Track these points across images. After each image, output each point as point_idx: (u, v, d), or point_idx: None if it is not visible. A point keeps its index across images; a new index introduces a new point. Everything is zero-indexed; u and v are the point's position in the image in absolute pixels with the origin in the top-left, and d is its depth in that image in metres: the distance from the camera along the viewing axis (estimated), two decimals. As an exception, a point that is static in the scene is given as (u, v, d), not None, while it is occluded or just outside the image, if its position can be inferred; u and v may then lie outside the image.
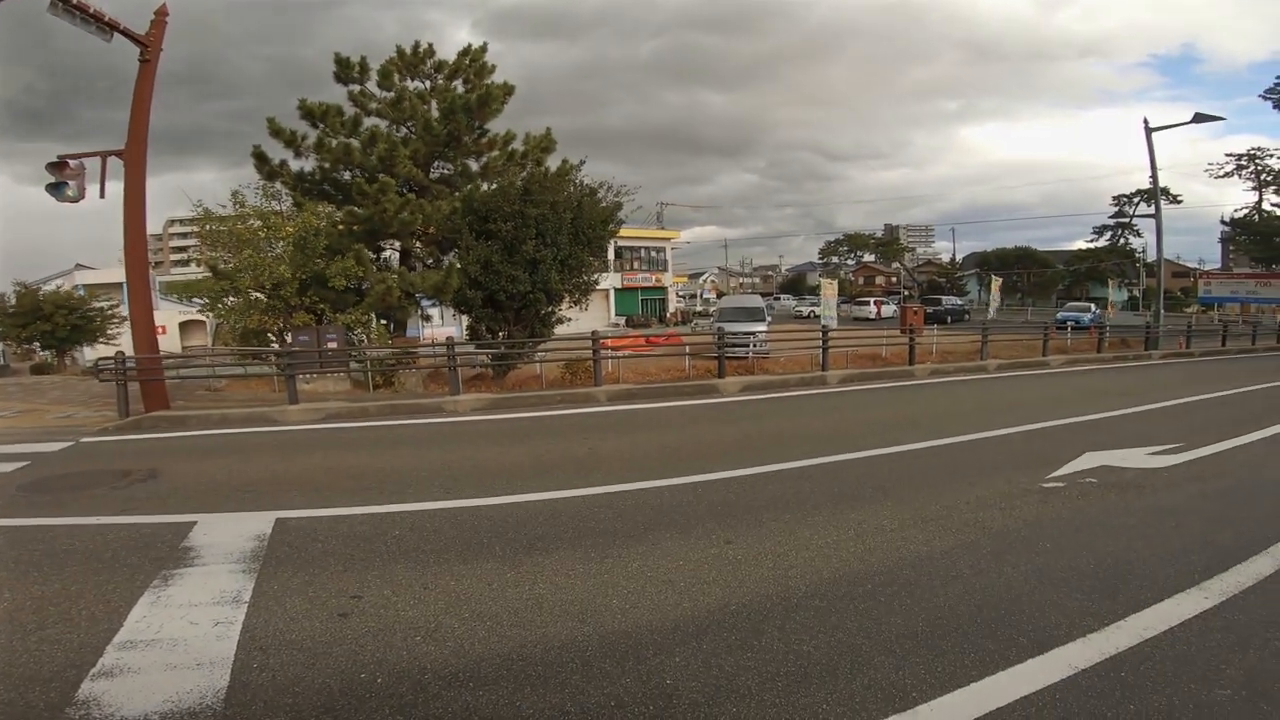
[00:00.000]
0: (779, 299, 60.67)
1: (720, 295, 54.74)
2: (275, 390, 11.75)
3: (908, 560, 3.93)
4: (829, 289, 16.76)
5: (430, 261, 16.10)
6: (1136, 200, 55.54)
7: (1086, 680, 2.66)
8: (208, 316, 16.11)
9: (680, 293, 54.16)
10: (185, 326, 32.05)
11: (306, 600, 3.45)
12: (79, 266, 36.77)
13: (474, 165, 16.12)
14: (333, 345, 11.60)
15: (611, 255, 39.01)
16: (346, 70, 15.32)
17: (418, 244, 15.86)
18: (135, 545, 4.29)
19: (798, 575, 3.72)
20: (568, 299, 13.98)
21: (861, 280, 73.73)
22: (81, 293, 25.44)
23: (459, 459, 6.80)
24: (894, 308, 42.66)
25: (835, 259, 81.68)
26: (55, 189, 9.77)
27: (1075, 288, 56.36)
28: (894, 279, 71.80)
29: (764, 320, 17.93)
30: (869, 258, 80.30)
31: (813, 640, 3.00)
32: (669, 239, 49.59)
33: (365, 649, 2.96)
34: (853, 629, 3.11)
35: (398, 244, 15.76)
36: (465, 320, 15.17)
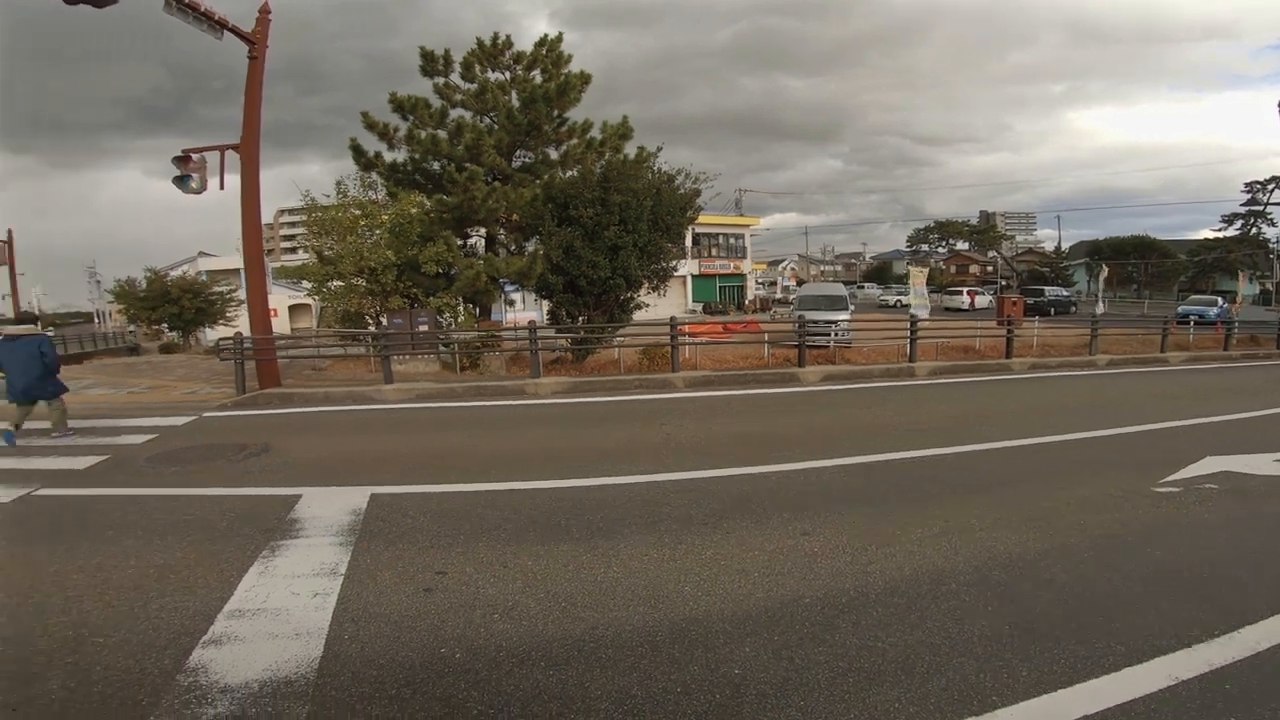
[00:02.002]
0: (862, 287, 58.61)
1: (800, 283, 53.44)
2: (372, 370, 12.49)
3: (997, 561, 3.76)
4: (918, 277, 16.02)
5: (513, 247, 16.57)
6: (1271, 187, 49.89)
7: (1186, 691, 2.50)
8: (314, 300, 17.24)
9: (759, 280, 53.27)
10: (294, 309, 34.51)
11: (396, 575, 3.63)
12: (201, 254, 40.16)
13: (554, 153, 16.41)
14: (424, 328, 12.17)
15: (689, 242, 38.84)
16: (431, 63, 15.82)
17: (502, 230, 16.34)
18: (248, 516, 4.62)
19: (877, 571, 3.63)
20: (646, 285, 14.07)
21: (954, 269, 69.98)
22: (204, 278, 27.82)
23: (539, 441, 7.00)
24: (989, 298, 40.30)
25: (925, 247, 77.91)
26: (181, 181, 10.65)
27: (1200, 280, 51.27)
28: (989, 268, 67.76)
29: (846, 309, 17.38)
30: (962, 246, 76.08)
31: (889, 637, 2.94)
32: (747, 226, 48.79)
33: (446, 624, 3.08)
34: (932, 628, 3.02)
35: (483, 230, 16.29)
36: (545, 305, 15.54)
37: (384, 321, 13.45)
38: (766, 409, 8.80)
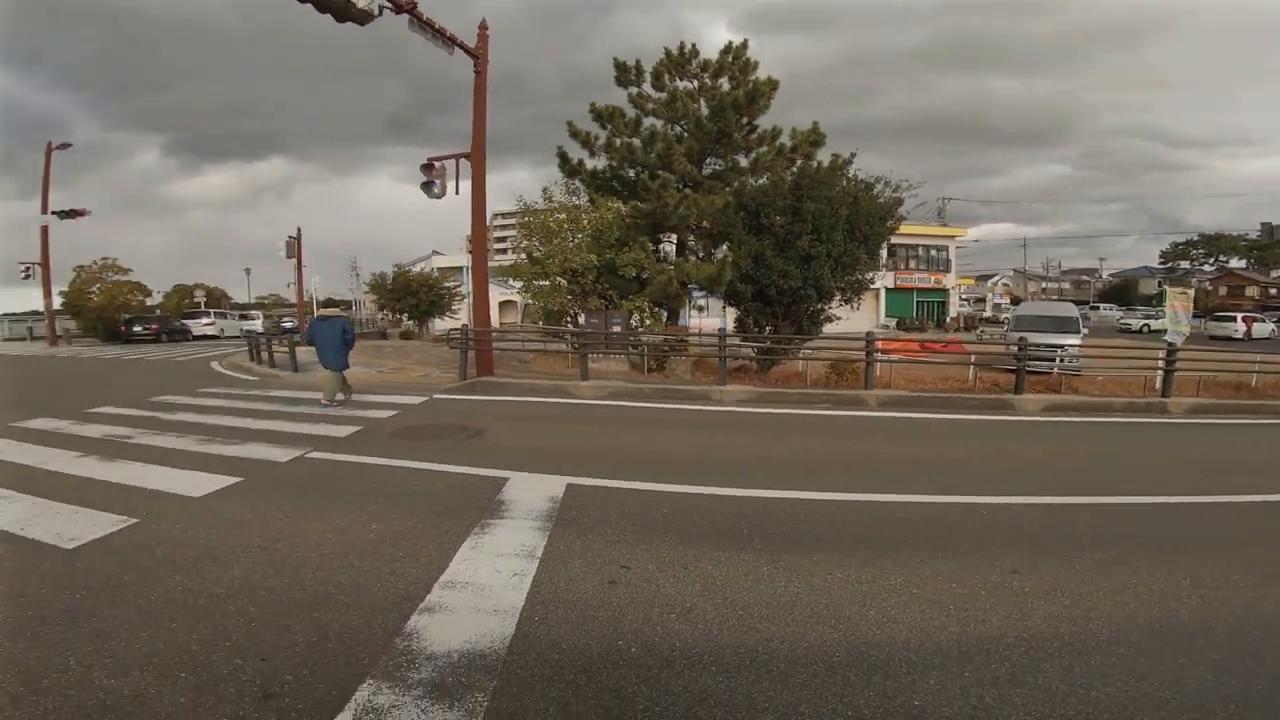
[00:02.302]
0: (1096, 308, 50.81)
1: (1015, 301, 47.79)
2: (569, 366, 13.43)
3: (1260, 620, 3.16)
4: (1178, 300, 13.52)
5: (703, 254, 16.85)
6: None
7: None
8: (523, 297, 19.00)
9: (964, 295, 48.61)
10: (502, 305, 38.26)
11: (585, 564, 3.79)
12: (435, 253, 46.11)
13: (743, 160, 16.37)
14: (617, 329, 12.83)
15: (884, 253, 36.57)
16: (624, 74, 16.43)
17: (692, 237, 16.69)
18: (466, 493, 5.06)
19: (1101, 618, 3.20)
20: (839, 297, 13.52)
21: (1224, 290, 57.79)
22: (436, 274, 31.92)
23: (724, 447, 7.02)
24: (1273, 326, 32.87)
25: (1185, 264, 65.45)
26: (426, 187, 12.26)
27: None
28: (1273, 290, 55.17)
29: (1077, 332, 15.23)
30: (1237, 263, 62.71)
31: (1106, 686, 2.59)
32: (952, 237, 44.70)
33: (626, 618, 3.15)
34: (1162, 681, 2.61)
35: (674, 236, 16.78)
36: (731, 312, 15.60)
37: (582, 320, 14.40)
38: (972, 436, 8.00)
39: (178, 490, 5.11)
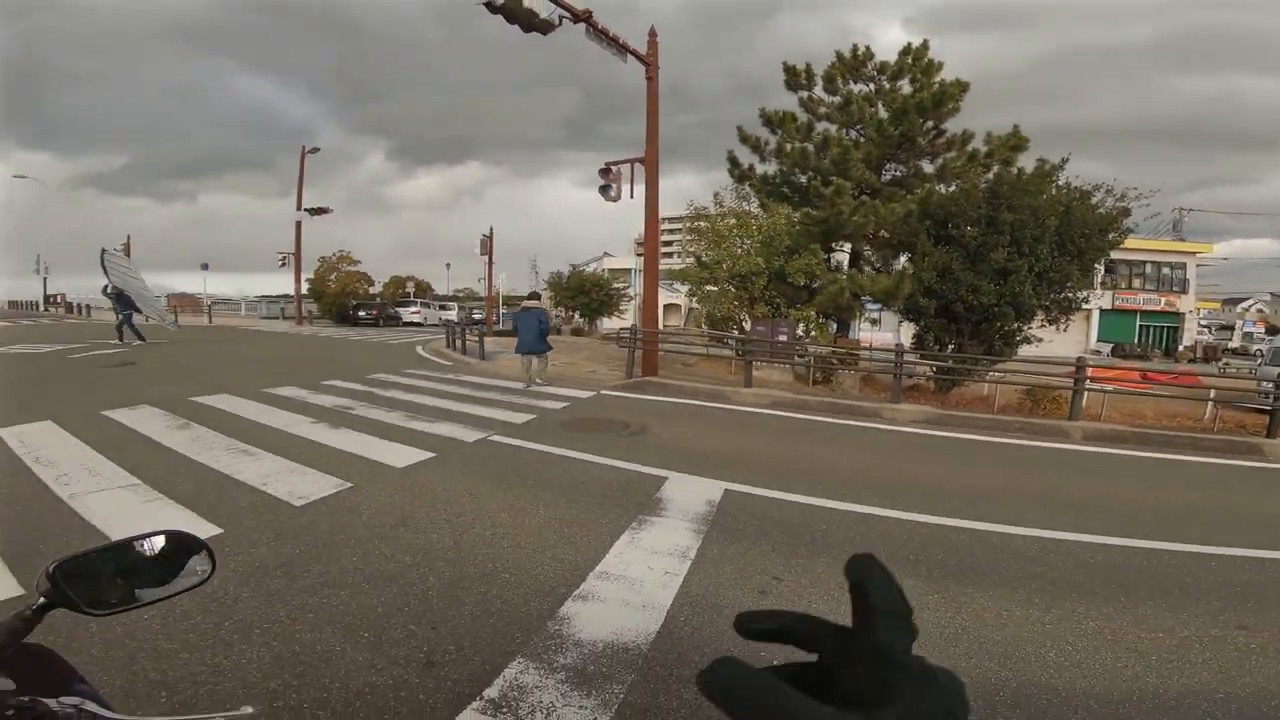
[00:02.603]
0: (1395, 343, 40.33)
1: (1273, 330, 39.51)
2: (732, 372, 13.38)
3: None
4: None
5: (879, 265, 15.93)
6: None
7: None
8: (691, 300, 19.29)
9: (1205, 321, 41.11)
10: (666, 309, 39.08)
11: (736, 570, 3.75)
12: (606, 254, 48.29)
13: (928, 167, 15.27)
14: (783, 338, 12.55)
15: (1100, 269, 31.94)
16: (794, 77, 15.89)
17: (868, 246, 15.85)
18: (627, 489, 5.18)
19: None
20: (1042, 316, 12.08)
21: None
22: (606, 275, 33.41)
23: (893, 468, 6.59)
24: None
25: None
26: (604, 190, 12.85)
27: None
28: None
29: (1366, 371, 12.24)
30: None
31: None
32: (1193, 253, 37.85)
33: None
34: None
35: (848, 245, 16.05)
36: (905, 327, 14.58)
37: (748, 327, 14.28)
38: (1206, 481, 6.74)
39: (385, 460, 5.85)
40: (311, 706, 2.38)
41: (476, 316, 31.41)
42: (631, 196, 13.06)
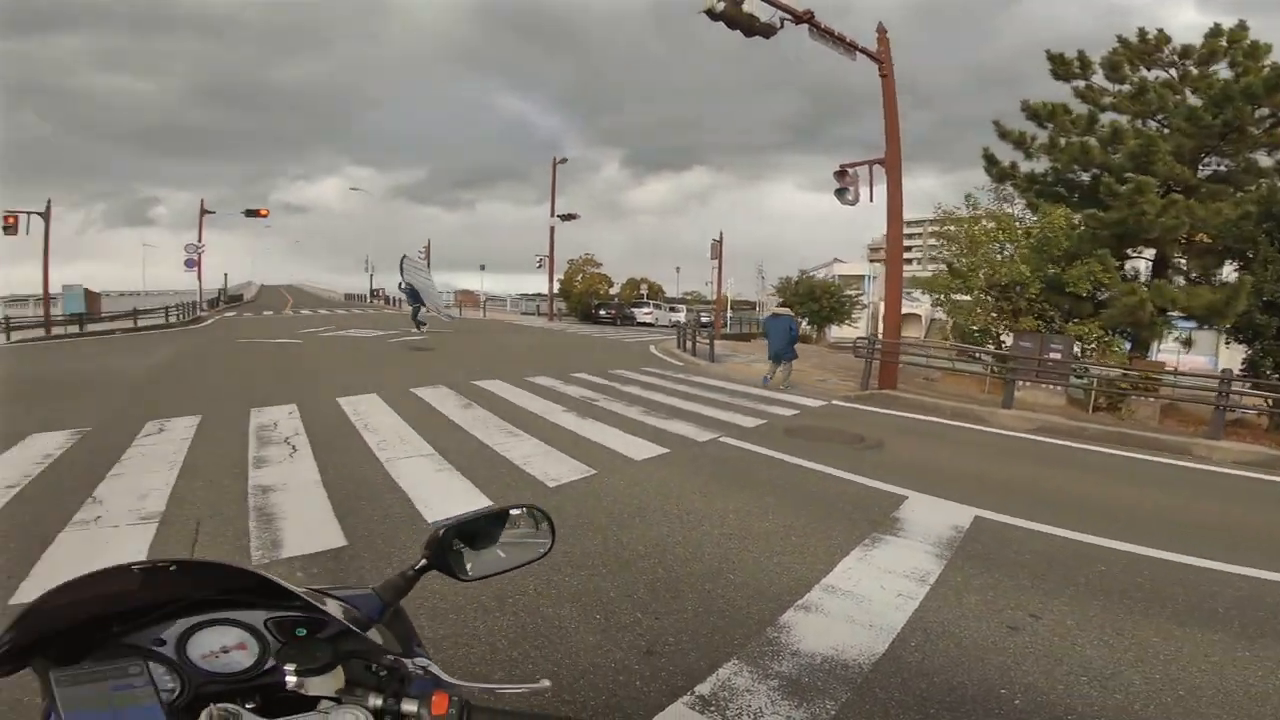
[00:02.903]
0: None
1: None
2: (985, 390, 11.94)
3: None
4: None
5: (1195, 275, 12.99)
6: None
7: None
8: (935, 310, 17.68)
9: None
10: (904, 319, 36.25)
11: (982, 602, 3.39)
12: (836, 260, 46.26)
13: (1265, 160, 12.19)
14: (1056, 355, 10.83)
15: None
16: (1063, 66, 14.09)
17: (1178, 253, 13.03)
18: (860, 504, 4.97)
19: None
20: None
21: None
22: (837, 281, 32.02)
23: (1206, 511, 5.37)
24: None
25: None
26: (840, 194, 12.28)
27: None
28: None
29: None
30: None
31: None
32: None
33: (1020, 668, 2.76)
34: None
35: (1150, 251, 13.35)
36: (1229, 349, 11.65)
37: (1008, 342, 12.62)
38: None
39: (624, 452, 6.26)
40: (521, 679, 2.56)
41: (705, 319, 32.24)
42: (871, 200, 12.34)
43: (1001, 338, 13.46)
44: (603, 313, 35.11)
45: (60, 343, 17.81)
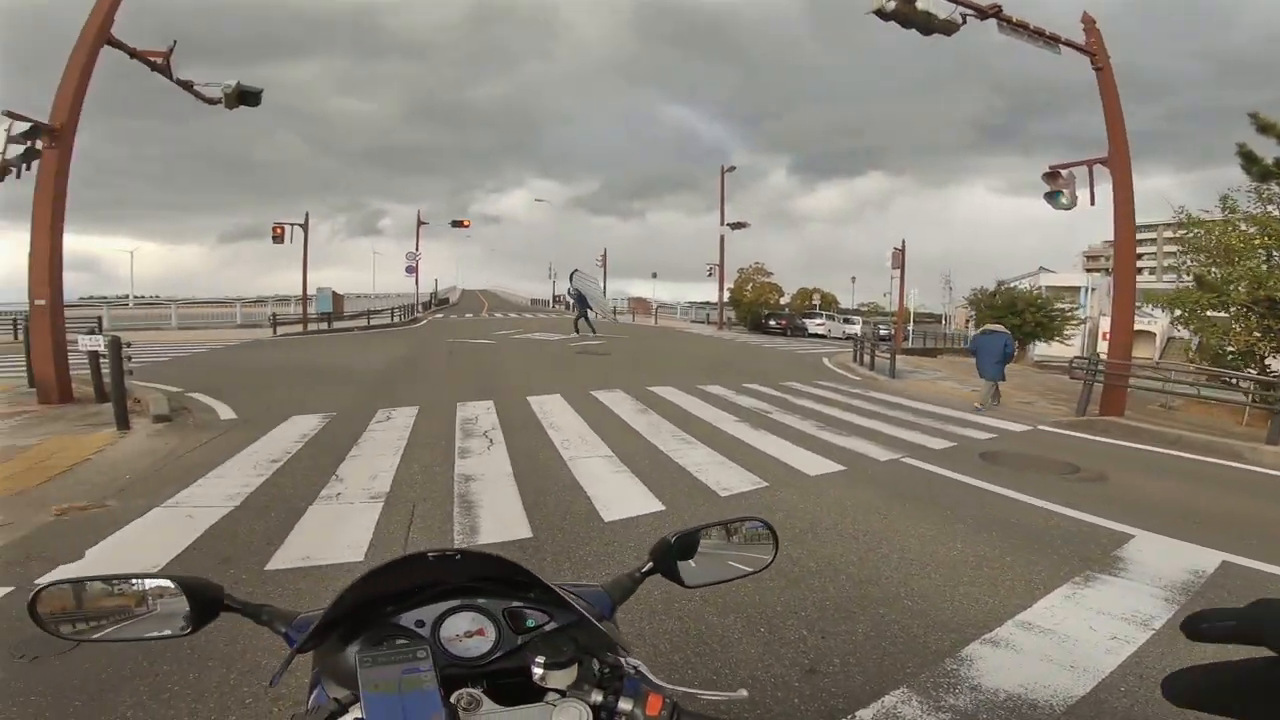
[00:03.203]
0: None
1: None
2: (1244, 423, 9.93)
3: None
4: None
5: None
6: None
7: None
8: (1177, 328, 15.09)
9: None
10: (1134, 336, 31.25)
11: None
12: (1042, 269, 41.09)
13: None
14: (1348, 386, 8.71)
15: None
16: None
17: None
18: (1073, 539, 4.43)
19: None
20: None
21: None
22: (1044, 293, 28.44)
23: None
24: None
25: None
26: (1051, 197, 10.91)
27: None
28: None
29: None
30: None
31: None
32: None
33: None
34: None
35: None
36: None
37: (1276, 366, 10.39)
38: None
39: (797, 466, 6.10)
40: (701, 685, 2.59)
41: (883, 332, 30.32)
42: (1092, 203, 10.85)
43: (1267, 361, 11.11)
44: (772, 323, 34.49)
45: (314, 337, 21.35)
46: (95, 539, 3.85)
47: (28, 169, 8.05)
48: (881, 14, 9.17)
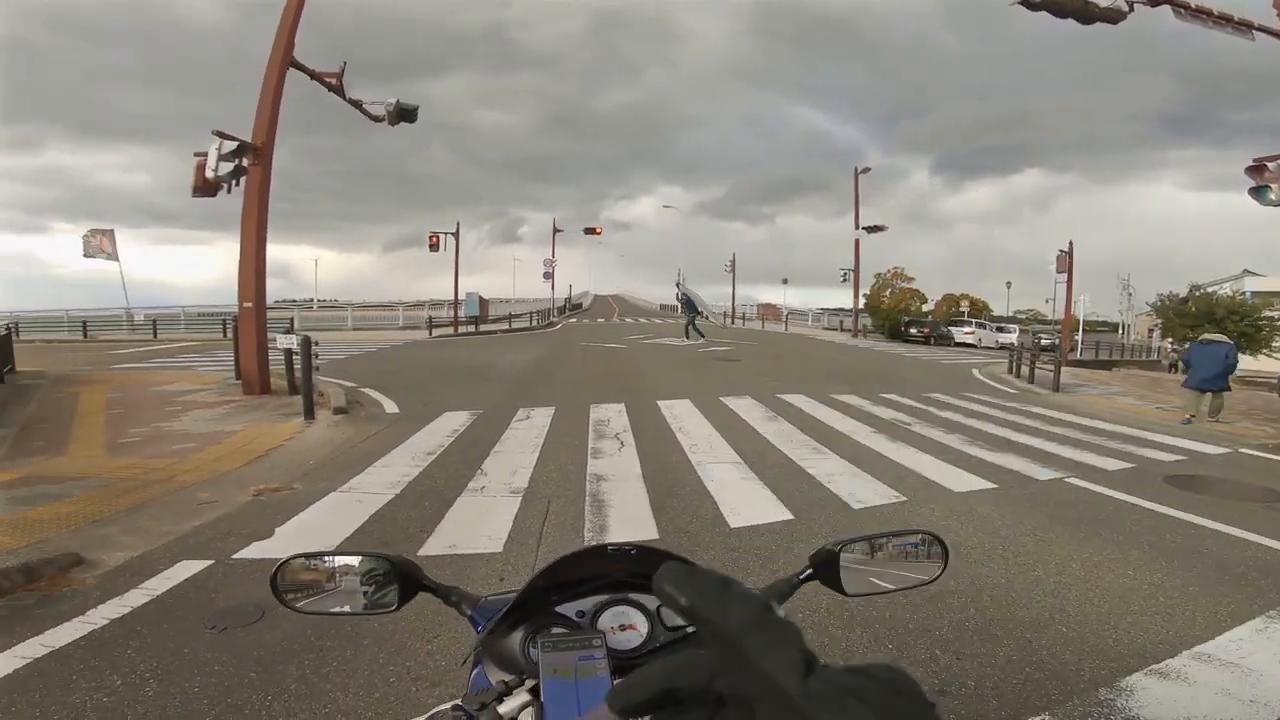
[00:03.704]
0: None
1: None
2: None
3: None
4: None
5: None
6: None
7: None
8: None
9: None
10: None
11: None
12: (1246, 272, 35.20)
13: None
14: None
15: None
16: None
17: None
18: (1269, 571, 3.96)
19: None
20: None
21: None
22: (1250, 299, 24.45)
23: None
24: None
25: None
26: (1257, 193, 9.45)
27: None
28: None
29: None
30: None
31: None
32: None
33: None
34: None
35: None
36: None
37: None
38: None
39: (940, 481, 5.71)
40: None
41: (1046, 342, 27.43)
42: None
43: None
44: (913, 330, 32.40)
45: (463, 338, 23.08)
46: (283, 519, 4.41)
47: (237, 184, 9.08)
48: (1028, 4, 8.44)
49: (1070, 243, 26.18)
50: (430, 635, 2.84)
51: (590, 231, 42.72)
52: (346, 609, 1.01)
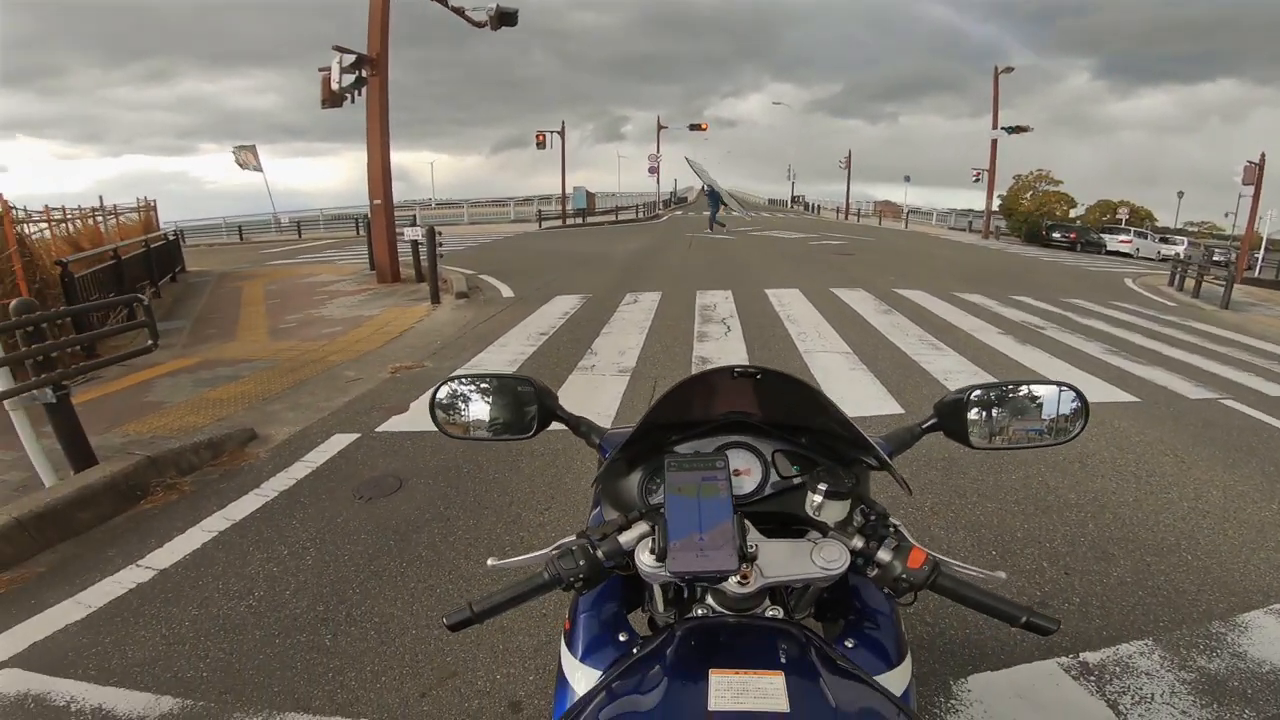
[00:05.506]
0: None
1: None
2: None
3: None
4: None
5: None
6: None
7: None
8: None
9: None
10: None
11: None
12: None
13: None
14: None
15: None
16: None
17: None
18: None
19: None
20: None
21: None
22: None
23: None
24: None
25: None
26: None
27: None
28: None
29: None
30: None
31: None
32: None
33: None
34: None
35: None
36: None
37: None
38: None
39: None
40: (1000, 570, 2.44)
41: (1219, 257, 23.87)
42: None
43: None
44: (1057, 234, 29.16)
45: (571, 230, 23.37)
46: (416, 394, 4.77)
47: (359, 94, 9.63)
48: None
49: (1263, 154, 22.06)
50: (542, 508, 3.08)
51: (695, 128, 40.75)
52: (489, 434, 1.07)
